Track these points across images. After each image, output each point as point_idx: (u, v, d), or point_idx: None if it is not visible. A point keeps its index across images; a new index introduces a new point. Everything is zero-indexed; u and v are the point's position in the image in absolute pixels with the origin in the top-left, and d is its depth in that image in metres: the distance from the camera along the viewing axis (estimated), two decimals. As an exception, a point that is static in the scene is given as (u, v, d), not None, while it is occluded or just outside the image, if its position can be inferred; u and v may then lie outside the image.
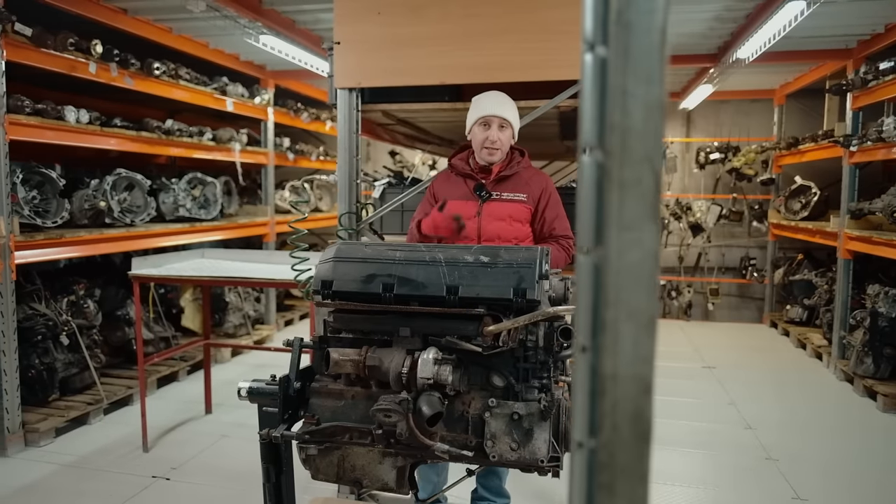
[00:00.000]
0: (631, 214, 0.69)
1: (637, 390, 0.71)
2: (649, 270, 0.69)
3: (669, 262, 8.26)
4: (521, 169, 2.58)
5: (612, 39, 0.68)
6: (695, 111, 8.12)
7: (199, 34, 5.05)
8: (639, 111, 0.68)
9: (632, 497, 0.72)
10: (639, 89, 0.68)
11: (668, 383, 5.25)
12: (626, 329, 0.70)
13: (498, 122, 2.50)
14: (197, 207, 5.39)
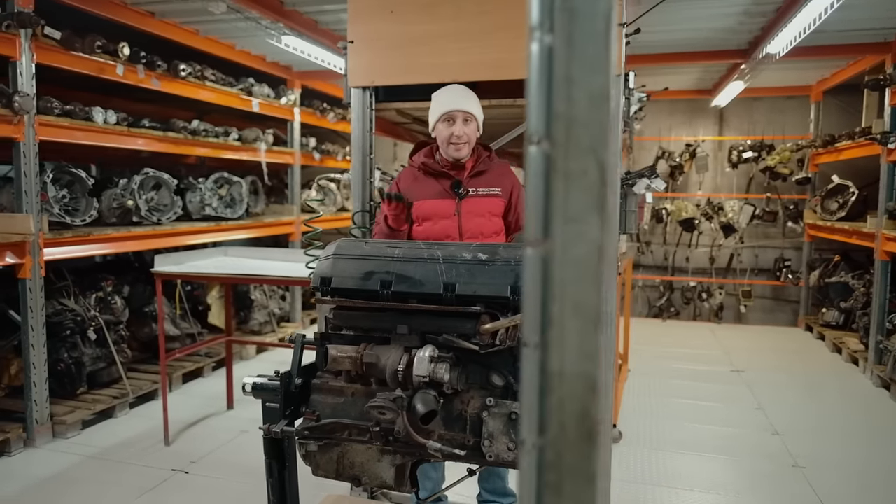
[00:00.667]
0: (576, 206, 0.67)
1: (583, 388, 0.68)
2: (595, 264, 0.67)
3: (700, 264, 8.09)
4: (492, 163, 2.56)
5: (557, 26, 0.66)
6: (728, 109, 7.93)
7: (225, 36, 5.13)
8: (584, 100, 0.66)
9: (578, 497, 0.69)
10: (584, 78, 0.66)
11: (694, 386, 5.14)
12: (572, 325, 0.68)
13: (462, 116, 2.46)
14: (223, 206, 5.48)
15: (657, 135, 8.18)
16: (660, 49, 5.72)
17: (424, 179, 2.54)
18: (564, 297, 0.68)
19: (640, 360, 5.83)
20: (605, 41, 0.66)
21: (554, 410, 0.70)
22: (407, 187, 2.55)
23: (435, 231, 2.49)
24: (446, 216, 2.45)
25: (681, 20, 4.77)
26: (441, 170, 2.52)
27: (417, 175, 2.56)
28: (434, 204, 2.47)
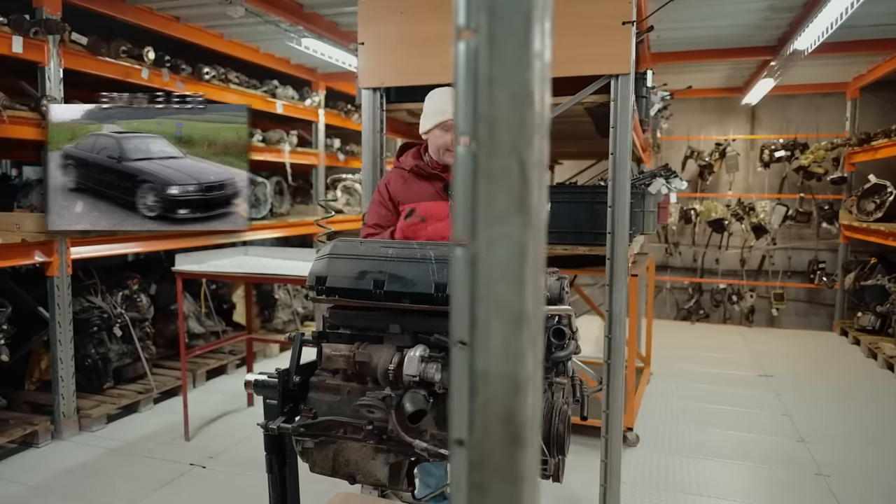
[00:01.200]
0: (499, 207, 0.67)
1: (507, 390, 0.68)
2: (518, 265, 0.67)
3: (730, 265, 7.91)
4: None
5: (479, 26, 0.66)
6: (760, 107, 7.75)
7: (249, 39, 5.23)
8: (505, 100, 0.66)
9: (504, 499, 0.69)
10: (505, 77, 0.66)
11: (718, 391, 5.03)
12: (496, 326, 0.68)
13: None
14: (248, 206, 5.58)
15: (686, 134, 8.03)
16: (686, 46, 5.63)
17: (416, 182, 2.52)
18: (489, 297, 0.68)
19: (663, 363, 5.73)
20: (525, 40, 0.65)
21: (479, 411, 0.70)
22: (398, 190, 2.53)
23: (430, 234, 2.50)
24: (441, 218, 2.45)
25: (705, 17, 4.68)
26: (432, 172, 2.51)
27: (408, 177, 2.54)
28: (428, 206, 2.47)
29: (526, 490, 0.71)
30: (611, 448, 2.82)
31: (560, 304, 1.87)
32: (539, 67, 0.67)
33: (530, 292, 0.68)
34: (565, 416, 1.80)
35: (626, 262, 2.73)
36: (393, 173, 2.64)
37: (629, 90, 2.66)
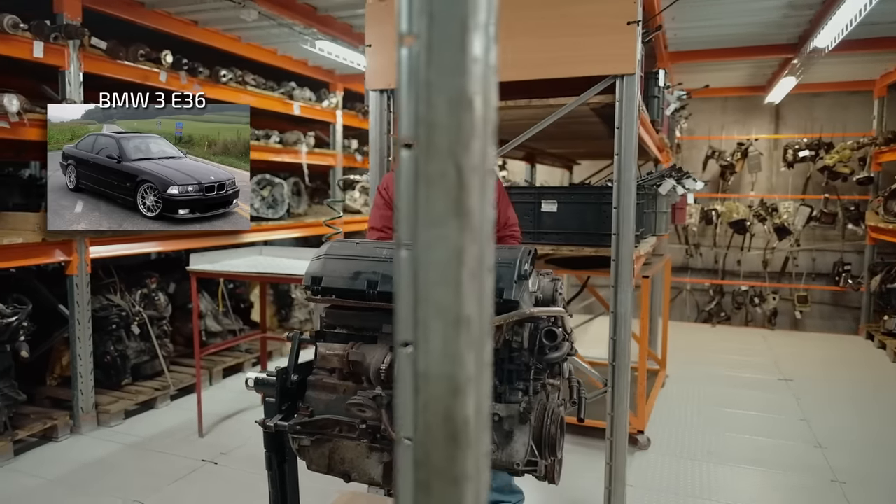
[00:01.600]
0: (436, 210, 0.68)
1: (446, 390, 0.69)
2: (455, 268, 0.67)
3: (753, 267, 7.78)
4: None
5: (418, 32, 0.67)
6: (785, 106, 7.61)
7: (266, 42, 5.30)
8: (443, 104, 0.67)
9: (445, 498, 0.70)
10: (442, 82, 0.67)
11: (735, 394, 4.95)
12: (435, 327, 0.69)
13: None
14: (265, 207, 5.66)
15: (707, 133, 7.92)
16: (704, 45, 5.55)
17: None
18: (428, 300, 0.69)
19: (680, 366, 5.66)
20: (461, 45, 0.66)
21: (421, 411, 0.71)
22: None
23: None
24: None
25: (722, 15, 4.62)
26: None
27: None
28: None
29: (468, 490, 0.71)
30: (615, 450, 2.80)
31: (553, 305, 1.87)
32: (479, 72, 0.68)
33: (469, 295, 0.69)
34: (558, 418, 1.80)
35: (631, 263, 2.71)
36: (390, 174, 2.66)
37: (634, 90, 2.64)
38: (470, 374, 0.70)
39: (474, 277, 0.69)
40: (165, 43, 4.45)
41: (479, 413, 0.73)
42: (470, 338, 0.70)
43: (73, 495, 3.20)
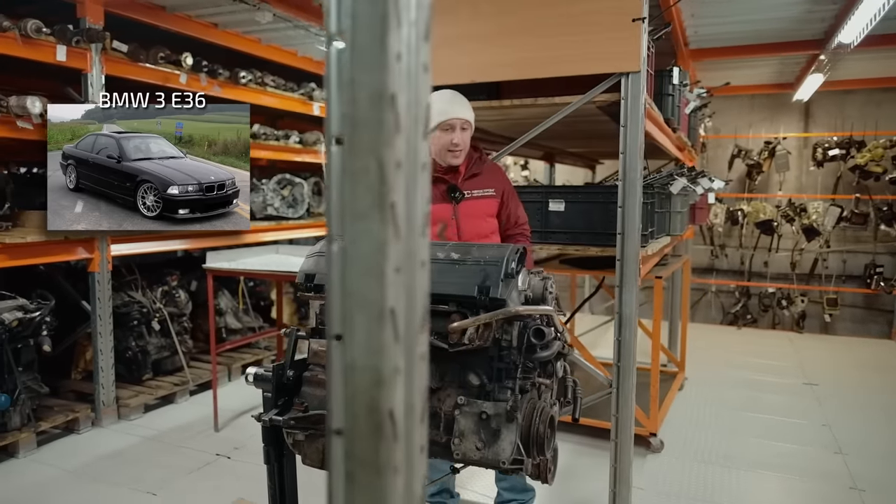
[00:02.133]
0: (360, 204, 0.69)
1: (370, 382, 0.70)
2: (378, 261, 0.69)
3: (780, 269, 7.61)
4: (483, 164, 2.58)
5: (344, 31, 0.68)
6: (815, 103, 7.42)
7: (287, 44, 5.37)
8: (365, 101, 0.68)
9: (371, 488, 0.71)
10: (364, 79, 0.68)
11: (756, 398, 4.85)
12: (360, 320, 0.70)
13: (460, 124, 2.47)
14: (285, 207, 5.74)
15: (734, 132, 7.77)
16: (726, 42, 5.44)
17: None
18: (353, 293, 0.70)
19: (701, 368, 5.57)
20: (381, 44, 0.67)
21: (349, 403, 0.72)
22: None
23: (436, 237, 2.53)
24: (444, 220, 2.48)
25: (743, 11, 4.53)
26: (436, 175, 2.53)
27: None
28: (433, 209, 2.50)
29: (396, 482, 0.72)
30: (620, 452, 2.77)
31: (543, 303, 1.86)
32: (402, 70, 0.69)
33: (393, 288, 0.70)
34: (547, 417, 1.79)
35: (636, 263, 2.69)
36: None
37: (640, 88, 2.61)
38: (396, 366, 0.71)
39: (399, 271, 0.70)
40: (187, 45, 4.55)
41: (409, 406, 0.74)
42: (396, 331, 0.71)
43: (89, 486, 3.29)
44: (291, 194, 5.89)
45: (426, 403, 0.78)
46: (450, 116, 2.46)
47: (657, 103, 3.45)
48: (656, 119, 3.21)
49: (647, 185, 3.08)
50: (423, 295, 0.75)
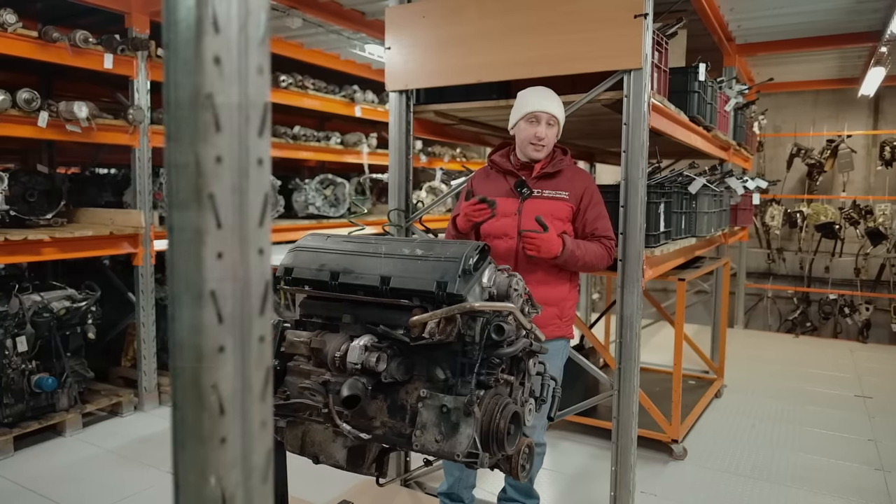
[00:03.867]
0: (182, 196, 0.75)
1: (192, 358, 0.76)
2: (197, 248, 0.74)
3: (843, 274, 7.19)
4: (564, 167, 2.52)
5: (169, 36, 0.75)
6: (885, 99, 7.00)
7: (329, 47, 5.53)
8: (184, 100, 0.74)
9: (195, 455, 0.77)
10: (181, 80, 0.74)
11: (801, 409, 4.63)
12: (184, 301, 0.76)
13: (546, 118, 2.46)
14: (327, 206, 5.92)
15: (793, 130, 7.41)
16: (775, 36, 5.22)
17: (495, 177, 2.58)
18: (179, 275, 0.76)
19: (745, 376, 5.36)
20: (194, 46, 0.73)
21: (178, 376, 0.78)
22: (478, 184, 2.62)
23: (495, 228, 2.51)
24: (507, 214, 2.47)
25: (786, 3, 4.33)
26: (510, 168, 2.54)
27: (490, 173, 2.62)
28: (498, 202, 2.47)
29: (223, 454, 0.78)
30: (621, 455, 2.73)
31: (507, 300, 1.87)
32: (221, 72, 0.75)
33: (212, 272, 0.75)
34: (509, 413, 1.80)
35: (638, 263, 2.64)
36: (480, 169, 2.73)
37: (643, 86, 2.57)
38: (220, 345, 0.77)
39: (222, 257, 0.76)
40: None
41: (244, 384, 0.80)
42: (219, 313, 0.76)
43: (122, 465, 3.52)
44: (333, 194, 6.07)
45: (268, 384, 0.83)
46: (535, 109, 2.45)
47: (681, 101, 3.36)
48: (674, 117, 3.13)
49: (659, 185, 3.01)
50: (260, 281, 0.81)
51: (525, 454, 1.92)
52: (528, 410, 1.98)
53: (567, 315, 2.52)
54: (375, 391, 1.87)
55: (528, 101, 2.51)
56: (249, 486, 0.83)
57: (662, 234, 3.07)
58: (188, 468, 0.79)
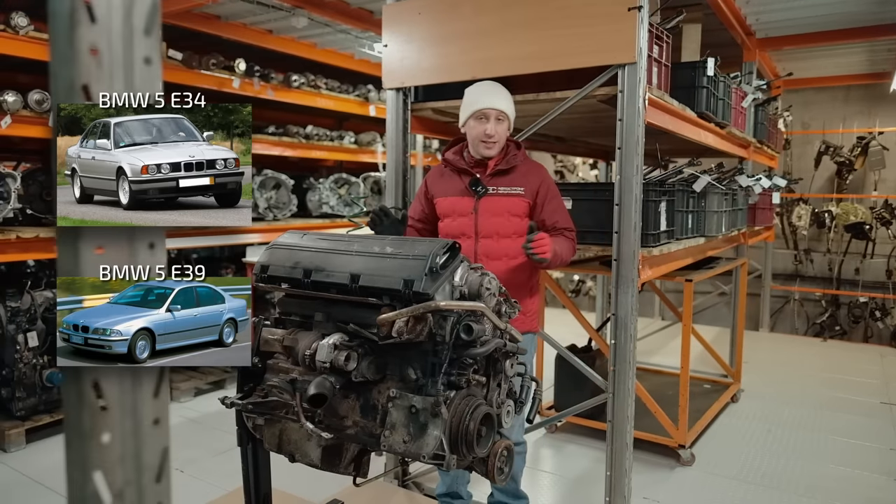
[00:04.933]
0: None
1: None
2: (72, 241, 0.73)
3: (875, 276, 6.93)
4: (518, 162, 2.47)
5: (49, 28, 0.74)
6: (923, 94, 6.72)
7: (342, 47, 5.55)
8: (63, 93, 0.73)
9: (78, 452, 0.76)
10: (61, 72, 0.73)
11: (822, 416, 4.47)
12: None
13: (495, 114, 2.41)
14: (341, 205, 5.94)
15: (822, 127, 7.17)
16: (798, 29, 5.05)
17: (449, 175, 2.55)
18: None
19: (765, 380, 5.20)
20: (67, 39, 0.72)
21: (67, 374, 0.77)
22: (433, 183, 2.60)
23: (452, 228, 2.51)
24: (464, 214, 2.45)
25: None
26: (464, 166, 2.50)
27: (444, 171, 2.58)
28: (453, 201, 2.48)
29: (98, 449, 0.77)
30: (615, 460, 2.67)
31: (478, 300, 1.83)
32: (100, 63, 0.73)
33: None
34: (480, 415, 1.77)
35: (633, 263, 2.57)
36: (436, 168, 2.70)
37: (637, 80, 2.50)
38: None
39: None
40: (246, 52, 4.83)
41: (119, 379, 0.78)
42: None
43: (129, 458, 3.58)
44: (348, 193, 6.09)
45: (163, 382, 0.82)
46: (483, 106, 2.41)
47: (688, 96, 3.27)
48: (678, 113, 3.05)
49: (659, 182, 2.93)
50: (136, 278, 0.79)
51: (503, 457, 1.88)
52: (505, 412, 1.94)
53: (531, 309, 2.48)
54: (348, 390, 1.86)
55: (475, 98, 2.46)
56: (141, 485, 0.82)
57: (664, 234, 2.99)
58: (73, 465, 0.78)
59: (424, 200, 2.61)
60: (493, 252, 2.44)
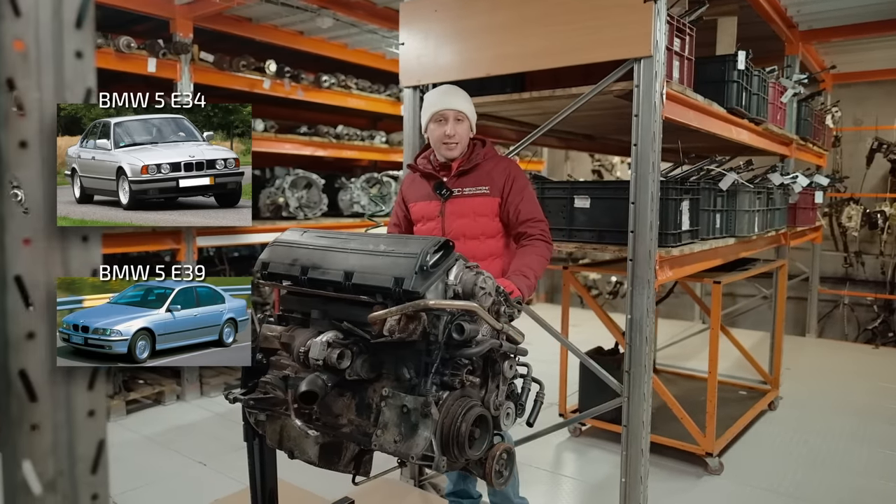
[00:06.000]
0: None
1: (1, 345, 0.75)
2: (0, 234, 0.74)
3: (931, 280, 6.56)
4: (482, 160, 2.44)
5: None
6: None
7: (373, 47, 5.58)
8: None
9: (8, 441, 0.77)
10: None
11: (864, 427, 4.24)
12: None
13: (453, 115, 2.39)
14: (373, 204, 5.97)
15: (874, 123, 6.82)
16: (846, 20, 4.81)
17: (419, 181, 2.55)
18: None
19: (807, 388, 4.98)
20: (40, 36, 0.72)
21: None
22: (406, 189, 2.61)
23: (423, 232, 2.53)
24: (432, 217, 2.45)
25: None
26: (430, 171, 2.50)
27: (415, 177, 2.59)
28: (423, 206, 2.49)
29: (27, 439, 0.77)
30: (630, 467, 2.59)
31: (472, 299, 1.79)
32: (26, 57, 0.74)
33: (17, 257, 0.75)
34: (472, 417, 1.74)
35: (649, 263, 2.49)
36: (409, 174, 2.71)
37: (653, 74, 2.42)
38: (29, 331, 0.76)
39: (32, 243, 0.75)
40: (277, 53, 4.90)
41: (47, 368, 0.78)
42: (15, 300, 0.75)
43: (153, 451, 3.68)
44: (380, 192, 6.12)
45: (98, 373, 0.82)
46: (440, 108, 2.42)
47: (717, 91, 3.15)
48: (703, 108, 2.94)
49: (681, 180, 2.84)
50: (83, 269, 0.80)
51: (502, 460, 1.85)
52: (504, 414, 1.90)
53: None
54: (343, 388, 1.85)
55: (432, 101, 2.46)
56: (75, 475, 0.82)
57: (686, 234, 2.88)
58: (7, 454, 0.79)
59: (402, 206, 2.61)
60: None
